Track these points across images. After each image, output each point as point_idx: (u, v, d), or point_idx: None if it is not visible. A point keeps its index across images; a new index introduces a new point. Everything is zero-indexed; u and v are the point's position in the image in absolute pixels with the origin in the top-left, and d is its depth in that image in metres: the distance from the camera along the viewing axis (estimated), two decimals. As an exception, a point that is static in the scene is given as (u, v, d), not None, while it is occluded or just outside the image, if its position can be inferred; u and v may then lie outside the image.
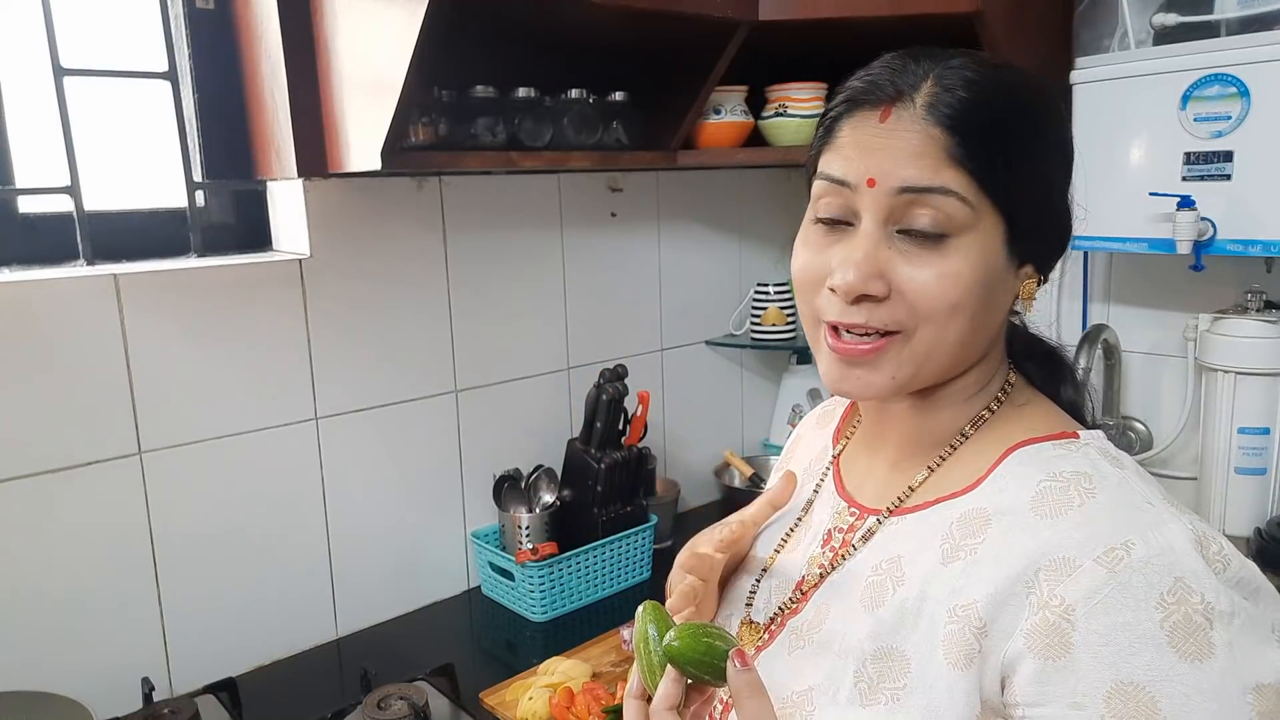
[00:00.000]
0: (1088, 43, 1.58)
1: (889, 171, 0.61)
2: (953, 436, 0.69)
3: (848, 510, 0.74)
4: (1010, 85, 0.63)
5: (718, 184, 2.02)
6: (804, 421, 0.94)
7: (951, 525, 0.64)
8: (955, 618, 0.59)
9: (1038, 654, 0.55)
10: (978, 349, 0.66)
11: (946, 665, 0.59)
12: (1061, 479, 0.60)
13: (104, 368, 1.25)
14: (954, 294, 0.61)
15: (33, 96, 1.28)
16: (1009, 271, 0.64)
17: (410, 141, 1.32)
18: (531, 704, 1.23)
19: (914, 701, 0.59)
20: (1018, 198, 0.62)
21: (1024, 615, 0.56)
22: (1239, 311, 1.45)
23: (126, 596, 1.30)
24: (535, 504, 1.68)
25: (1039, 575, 0.56)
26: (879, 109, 0.62)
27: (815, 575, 0.72)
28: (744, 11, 1.43)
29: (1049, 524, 0.58)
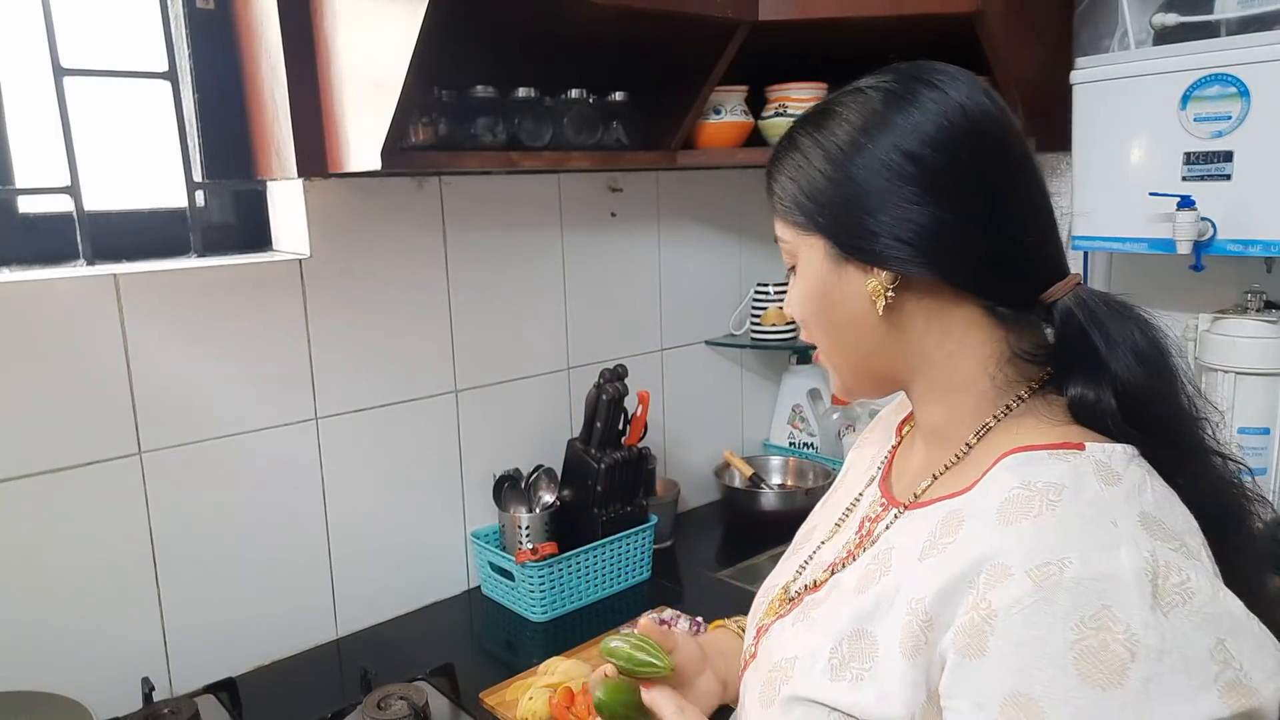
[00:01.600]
0: (1088, 43, 1.59)
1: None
2: (958, 441, 0.72)
3: (879, 500, 0.81)
4: (813, 128, 0.72)
5: (718, 184, 2.02)
6: (886, 407, 1.00)
7: (937, 524, 0.67)
8: (910, 610, 0.63)
9: (959, 651, 0.58)
10: (869, 346, 0.74)
11: (899, 654, 0.63)
12: (1032, 488, 0.61)
13: (104, 368, 1.25)
14: (798, 310, 0.78)
15: (33, 96, 1.28)
16: (842, 279, 0.72)
17: (410, 141, 1.32)
18: (531, 704, 1.23)
19: (873, 684, 0.64)
20: (825, 220, 0.72)
21: (959, 613, 0.59)
22: (1239, 311, 1.45)
23: (126, 596, 1.30)
24: (535, 504, 1.68)
25: (980, 577, 0.59)
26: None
27: (844, 559, 0.78)
28: (744, 11, 1.43)
29: (1003, 530, 0.60)
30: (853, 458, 0.98)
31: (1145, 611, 0.54)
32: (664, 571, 1.75)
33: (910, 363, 0.74)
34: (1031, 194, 0.69)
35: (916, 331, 0.72)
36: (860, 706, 0.64)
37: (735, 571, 1.73)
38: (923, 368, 0.73)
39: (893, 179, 0.67)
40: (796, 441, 2.15)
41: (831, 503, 0.93)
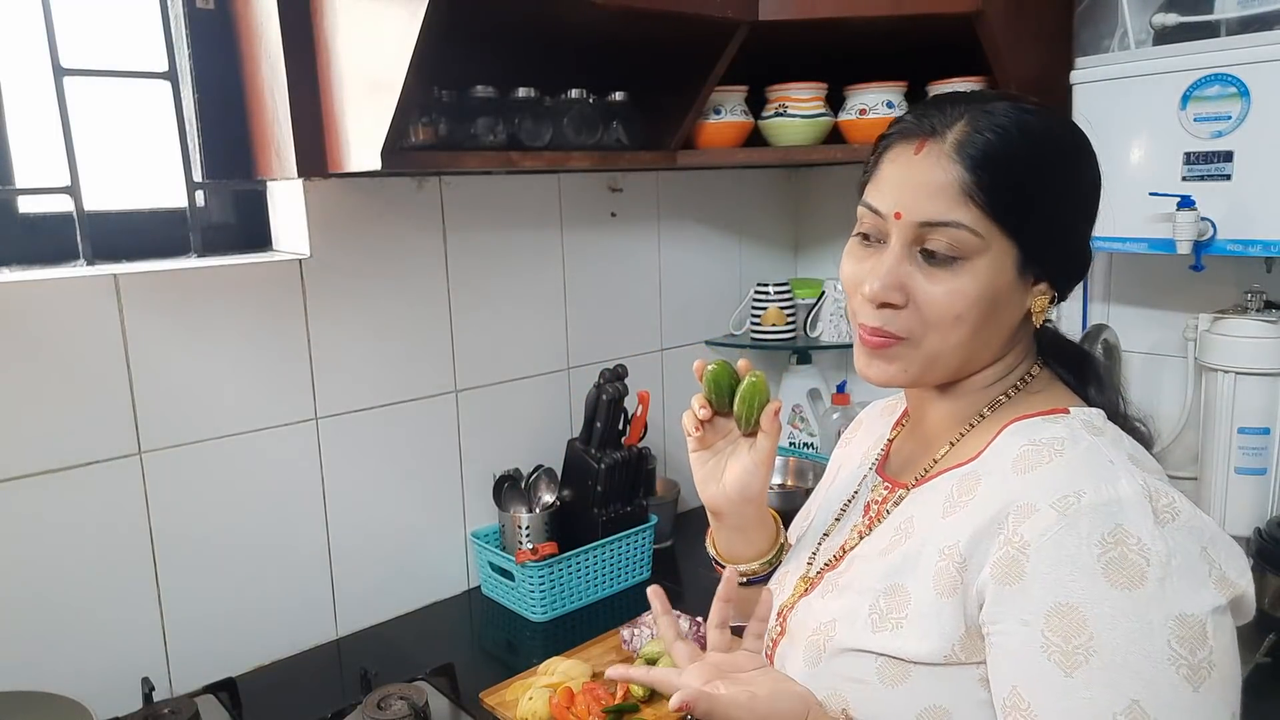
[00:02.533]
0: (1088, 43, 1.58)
1: (912, 207, 0.73)
2: (971, 418, 0.81)
3: (883, 484, 0.87)
4: (1037, 132, 0.73)
5: (718, 184, 2.02)
6: (869, 408, 1.06)
7: (952, 487, 0.76)
8: (943, 555, 0.72)
9: (999, 580, 0.67)
10: (987, 352, 0.78)
11: (934, 594, 0.71)
12: (1038, 444, 0.72)
13: (104, 368, 1.25)
14: (959, 307, 0.73)
15: (33, 96, 1.28)
16: (1019, 289, 0.75)
17: (410, 141, 1.32)
18: (531, 704, 1.23)
19: (911, 627, 0.72)
20: (1029, 229, 0.73)
21: (993, 550, 0.68)
22: (1239, 311, 1.45)
23: (126, 596, 1.30)
24: (535, 504, 1.68)
25: (1008, 518, 0.68)
26: (914, 142, 0.74)
27: (855, 539, 0.85)
28: (744, 11, 1.42)
29: (1021, 479, 0.70)
30: (841, 456, 1.03)
31: (1150, 526, 0.65)
32: (664, 571, 1.75)
33: (983, 365, 0.79)
34: None
35: (1018, 338, 0.80)
36: (903, 649, 0.72)
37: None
38: (991, 369, 0.80)
39: (1087, 210, 0.77)
40: (797, 441, 2.15)
41: (829, 497, 0.97)
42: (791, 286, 2.03)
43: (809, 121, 1.65)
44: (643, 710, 1.24)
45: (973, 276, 0.72)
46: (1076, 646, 0.63)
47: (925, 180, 0.72)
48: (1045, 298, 0.76)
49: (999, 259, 0.73)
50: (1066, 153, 0.75)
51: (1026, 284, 0.75)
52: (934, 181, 0.72)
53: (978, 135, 0.71)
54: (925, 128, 0.74)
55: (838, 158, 1.67)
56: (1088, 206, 0.77)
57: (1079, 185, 0.76)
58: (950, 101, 0.75)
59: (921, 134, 0.74)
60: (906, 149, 0.75)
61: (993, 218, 0.71)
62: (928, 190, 0.72)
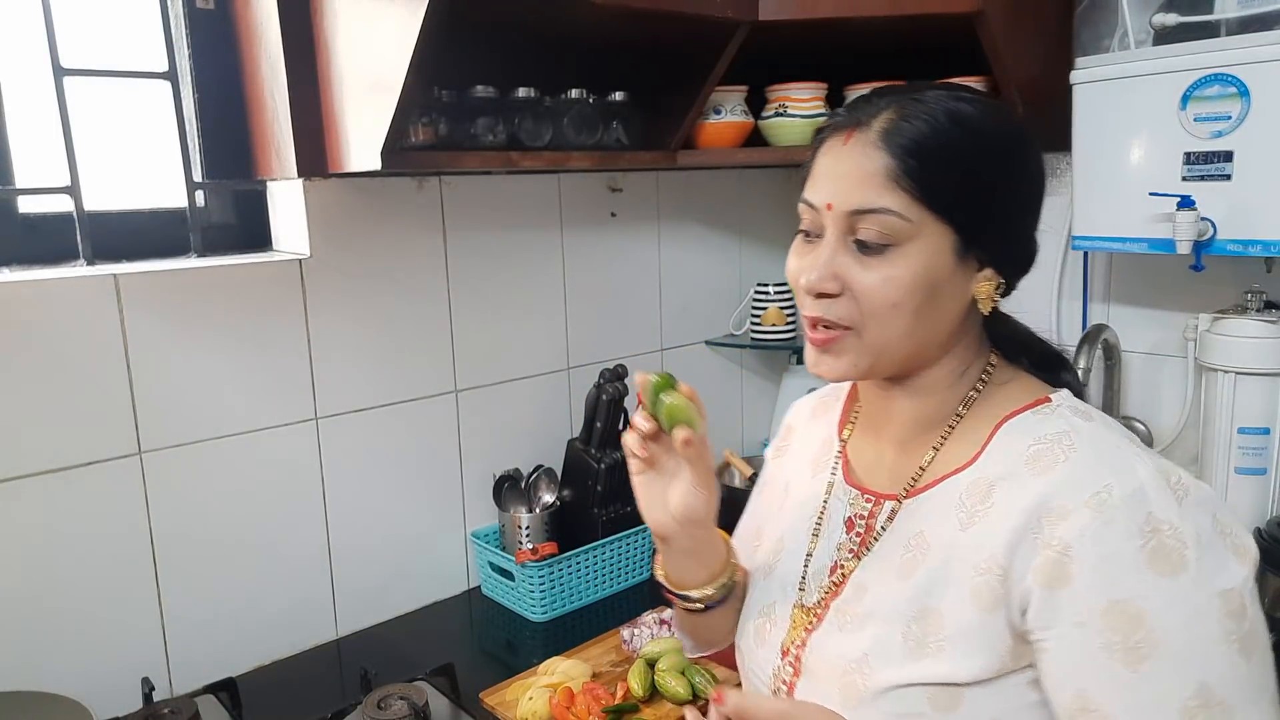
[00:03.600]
0: (1088, 43, 1.59)
1: (841, 197, 0.73)
2: (946, 418, 0.80)
3: (861, 497, 0.84)
4: (968, 117, 0.72)
5: (718, 184, 2.02)
6: (795, 412, 1.05)
7: (961, 496, 0.75)
8: (980, 571, 0.70)
9: (1044, 586, 0.67)
10: (935, 340, 0.77)
11: (976, 611, 0.70)
12: (1046, 440, 0.72)
13: (104, 368, 1.25)
14: (894, 294, 0.72)
15: (33, 96, 1.28)
16: (959, 274, 0.74)
17: (410, 141, 1.32)
18: (531, 704, 1.23)
19: (954, 648, 0.70)
20: (964, 212, 0.72)
21: (1032, 557, 0.68)
22: (1239, 311, 1.45)
23: (126, 597, 1.30)
24: (535, 504, 1.68)
25: (1040, 522, 0.68)
26: (843, 133, 0.74)
27: (847, 558, 0.82)
28: (744, 11, 1.42)
29: (1043, 480, 0.70)
30: (781, 468, 0.98)
31: (1174, 508, 0.66)
32: (664, 571, 1.75)
33: (937, 354, 0.78)
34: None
35: (968, 327, 0.79)
36: (954, 673, 0.70)
37: (735, 571, 1.73)
38: (946, 359, 0.79)
39: (1027, 198, 0.76)
40: (796, 441, 2.14)
41: (792, 514, 0.92)
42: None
43: (809, 121, 1.65)
44: (643, 710, 1.24)
45: (906, 263, 0.72)
46: (1138, 641, 0.64)
47: (853, 170, 0.73)
48: (990, 284, 0.75)
49: (933, 243, 0.72)
50: (1001, 139, 0.74)
51: (968, 270, 0.75)
52: (861, 170, 0.72)
53: (904, 123, 0.71)
54: (852, 120, 0.74)
55: (838, 158, 1.67)
56: (1027, 195, 0.77)
57: (1016, 172, 0.75)
58: (880, 94, 0.75)
59: (849, 126, 0.74)
60: (837, 142, 0.75)
61: (922, 202, 0.71)
62: (856, 179, 0.72)
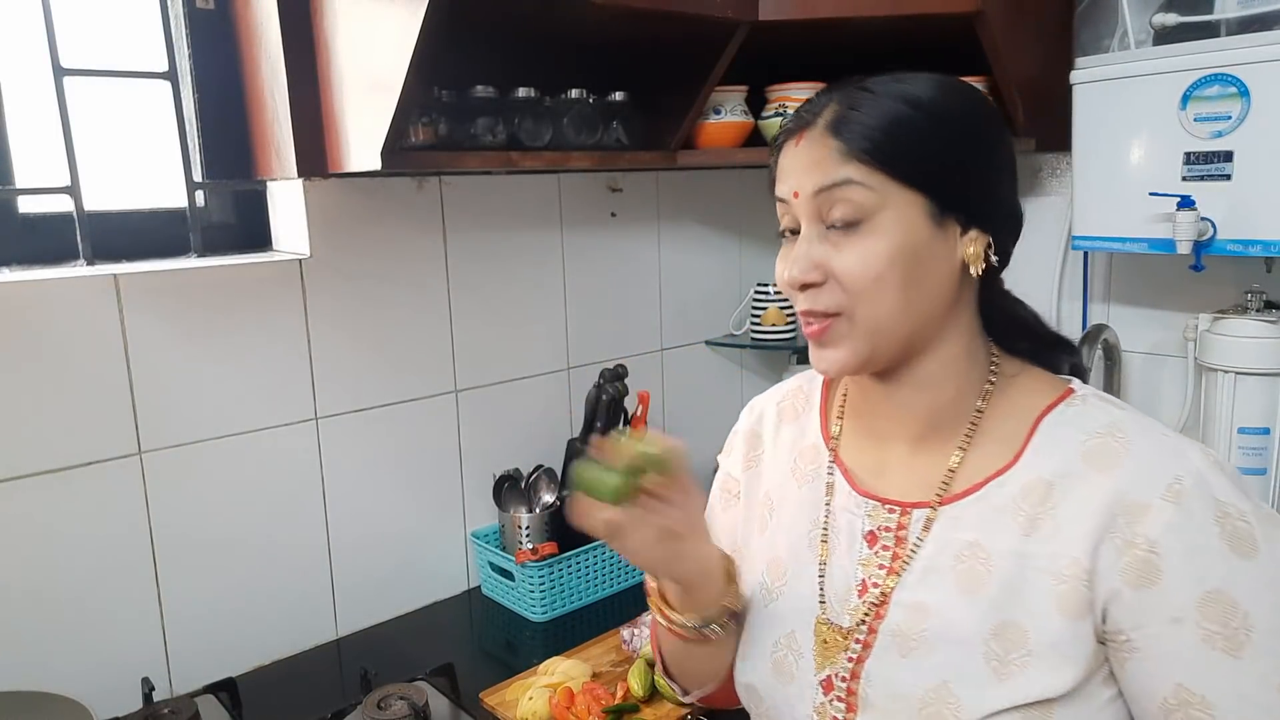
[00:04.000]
0: (1088, 43, 1.58)
1: (804, 183, 0.74)
2: (965, 416, 0.77)
3: (883, 508, 0.79)
4: (913, 92, 0.72)
5: (718, 184, 2.02)
6: (756, 418, 0.99)
7: (1015, 500, 0.72)
8: (1063, 578, 0.69)
9: (1133, 585, 0.67)
10: (931, 313, 0.74)
11: (1064, 620, 0.68)
12: (1098, 434, 0.72)
13: (104, 368, 1.25)
14: (874, 269, 0.71)
15: (33, 96, 1.28)
16: (939, 239, 0.73)
17: (410, 141, 1.32)
18: (531, 704, 1.23)
19: (1040, 661, 0.68)
20: (927, 173, 0.71)
21: (1117, 557, 0.67)
22: (1239, 311, 1.45)
23: (126, 596, 1.30)
24: (535, 504, 1.68)
25: (1118, 520, 0.67)
26: (794, 137, 0.75)
27: (880, 576, 0.77)
28: (744, 11, 1.42)
29: (1109, 476, 0.69)
30: (757, 482, 0.93)
31: (1234, 489, 0.68)
32: (664, 571, 1.74)
33: (941, 334, 0.76)
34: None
35: (965, 301, 0.77)
36: (1045, 690, 0.68)
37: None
38: (950, 342, 0.77)
39: (993, 156, 0.75)
40: (796, 441, 2.15)
41: (787, 530, 0.86)
42: (791, 286, 2.03)
43: (809, 121, 1.65)
44: (643, 710, 1.24)
45: (880, 234, 0.71)
46: (1235, 628, 0.65)
47: (809, 157, 0.73)
48: (978, 244, 0.74)
49: (904, 211, 0.71)
50: (951, 103, 0.73)
51: (950, 233, 0.73)
52: (814, 156, 0.73)
53: (850, 110, 0.72)
54: (800, 122, 0.75)
55: (838, 158, 1.67)
56: (990, 152, 0.75)
57: (972, 131, 0.74)
58: (822, 93, 0.76)
59: (798, 129, 0.75)
60: (790, 145, 0.76)
61: (881, 170, 0.70)
62: (813, 164, 0.73)
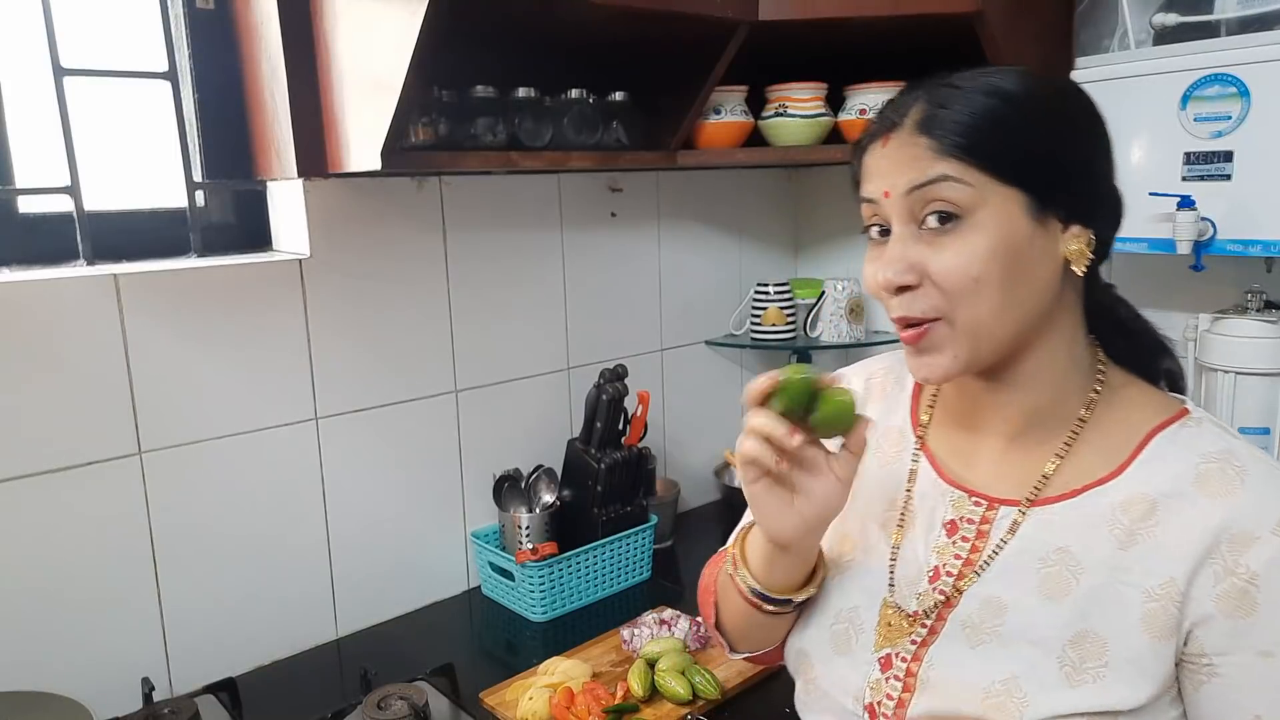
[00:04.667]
0: (1088, 43, 1.58)
1: (895, 181, 0.72)
2: (1066, 420, 0.76)
3: (969, 500, 0.79)
4: (1004, 85, 0.71)
5: (718, 184, 2.02)
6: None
7: (1114, 511, 0.72)
8: (1154, 597, 0.68)
9: (1228, 614, 0.66)
10: (1031, 313, 0.72)
11: (1149, 639, 0.68)
12: (1213, 459, 0.70)
13: (104, 368, 1.25)
14: (973, 268, 0.69)
15: (33, 96, 1.28)
16: (1040, 235, 0.71)
17: (410, 141, 1.32)
18: (531, 704, 1.23)
19: (1116, 674, 0.68)
20: (1025, 168, 0.69)
21: (1214, 584, 0.67)
22: (1239, 311, 1.45)
23: (126, 596, 1.30)
24: (535, 504, 1.68)
25: (1221, 547, 0.67)
26: (879, 139, 0.74)
27: (956, 566, 0.77)
28: (744, 11, 1.42)
29: (1220, 503, 0.68)
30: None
31: None
32: (664, 571, 1.75)
33: (1042, 334, 0.74)
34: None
35: (1067, 302, 0.75)
36: (1118, 702, 0.67)
37: (735, 571, 1.73)
38: (1051, 343, 0.75)
39: (1092, 143, 0.74)
40: (796, 441, 2.14)
41: (862, 500, 0.85)
42: (791, 286, 2.03)
43: (809, 121, 1.65)
44: (643, 710, 1.24)
45: (978, 233, 0.69)
46: None
47: (899, 156, 0.72)
48: (1080, 240, 0.72)
49: (1003, 208, 0.69)
50: (1043, 95, 0.72)
51: (1051, 230, 0.71)
52: (909, 154, 0.71)
53: (939, 109, 0.70)
54: (885, 123, 0.74)
55: (838, 158, 1.67)
56: (1088, 142, 0.74)
57: (1069, 121, 0.73)
58: (905, 92, 0.75)
59: (883, 131, 0.74)
60: (876, 146, 0.75)
61: (978, 166, 0.69)
62: (905, 163, 0.71)
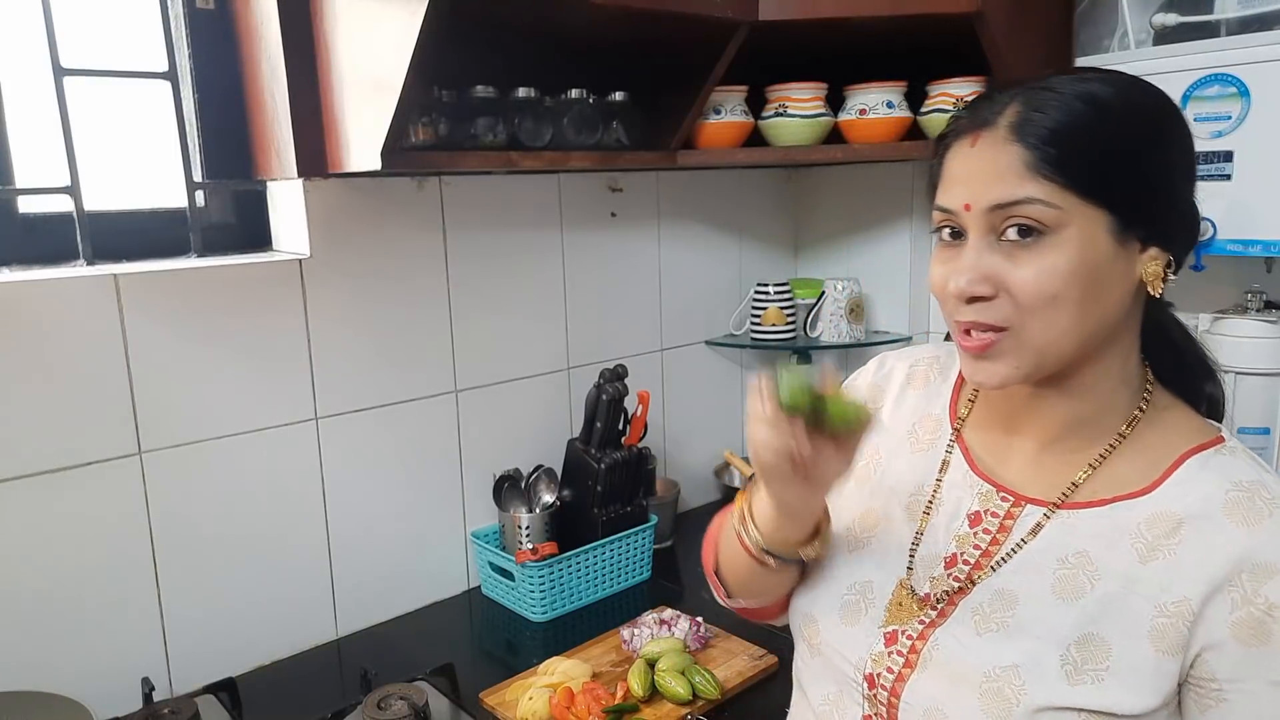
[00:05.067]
0: (1088, 43, 1.58)
1: (979, 195, 0.71)
2: (1106, 433, 0.77)
3: (997, 494, 0.80)
4: (1102, 95, 0.70)
5: (718, 184, 2.02)
6: (883, 371, 0.94)
7: (1139, 525, 0.72)
8: (1166, 613, 0.69)
9: (1241, 642, 0.67)
10: (1099, 331, 0.73)
11: (1155, 652, 0.69)
12: (1244, 488, 0.70)
13: (104, 368, 1.25)
14: (1052, 286, 0.69)
15: (33, 96, 1.28)
16: (1120, 257, 0.71)
17: (410, 141, 1.32)
18: (531, 704, 1.23)
19: (1115, 681, 0.69)
20: (1114, 190, 0.69)
21: (1228, 609, 0.67)
22: (1239, 311, 1.45)
23: (126, 596, 1.30)
24: (535, 504, 1.68)
25: (1241, 575, 0.67)
26: (968, 137, 0.73)
27: (974, 556, 0.78)
28: (744, 11, 1.43)
29: (1246, 531, 0.69)
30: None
31: None
32: (664, 571, 1.75)
33: (1101, 350, 0.75)
34: None
35: (1132, 320, 0.76)
36: (1116, 704, 0.68)
37: (735, 571, 1.73)
38: (1107, 359, 0.75)
39: (1180, 164, 0.73)
40: (796, 441, 2.14)
41: (889, 485, 0.87)
42: (791, 286, 2.03)
43: (809, 121, 1.65)
44: (643, 710, 1.24)
45: (1060, 251, 0.68)
46: None
47: (986, 166, 0.70)
48: (1158, 262, 0.72)
49: (1087, 228, 0.69)
50: (1138, 110, 0.71)
51: (1130, 251, 0.71)
52: (996, 166, 0.70)
53: (1034, 113, 0.69)
54: (977, 120, 0.72)
55: (838, 158, 1.67)
56: (1179, 163, 0.73)
57: (1162, 142, 0.72)
58: (1001, 89, 0.73)
59: (974, 128, 0.72)
60: (963, 145, 0.73)
61: (1066, 186, 0.68)
62: (992, 175, 0.70)
